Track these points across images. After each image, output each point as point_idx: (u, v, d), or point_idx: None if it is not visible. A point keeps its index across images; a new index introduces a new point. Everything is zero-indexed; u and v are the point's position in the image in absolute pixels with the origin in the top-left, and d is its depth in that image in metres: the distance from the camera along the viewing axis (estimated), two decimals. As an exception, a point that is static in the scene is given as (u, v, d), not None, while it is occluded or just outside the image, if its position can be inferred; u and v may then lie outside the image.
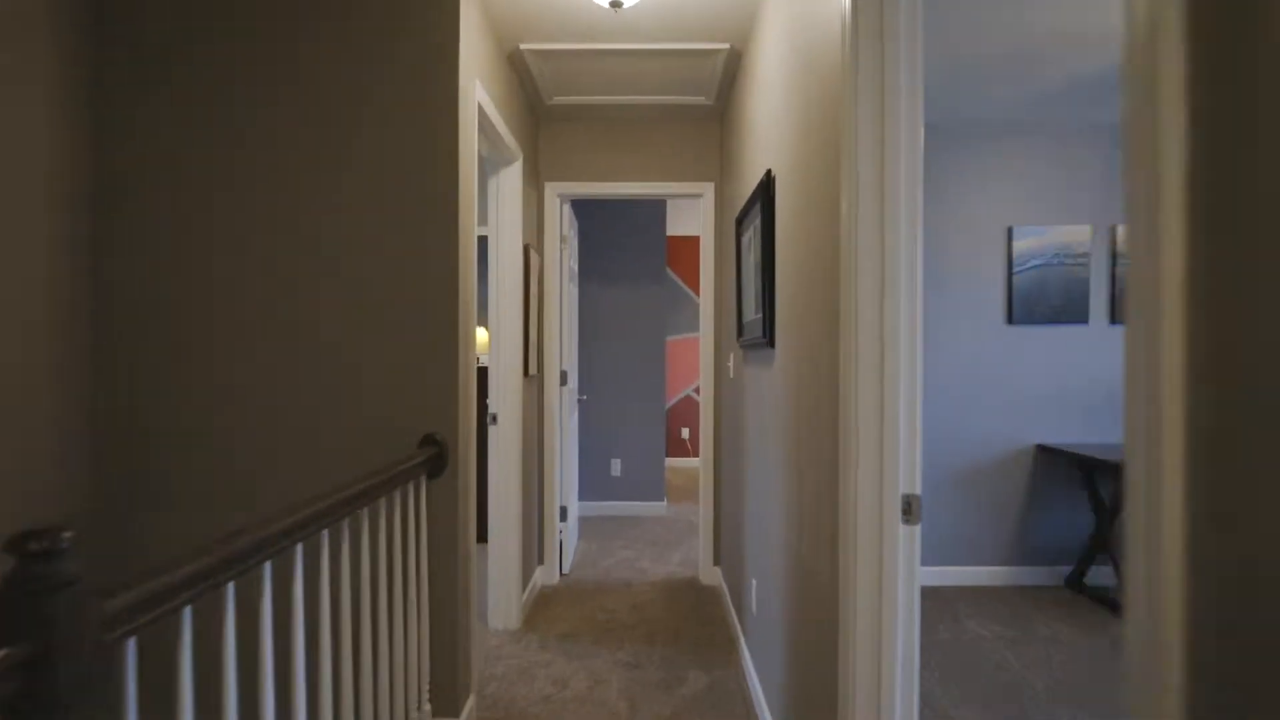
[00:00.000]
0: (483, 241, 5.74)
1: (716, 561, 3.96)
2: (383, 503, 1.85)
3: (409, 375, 2.25)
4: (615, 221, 5.57)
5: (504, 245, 3.27)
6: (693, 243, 7.75)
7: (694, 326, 7.72)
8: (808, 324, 1.83)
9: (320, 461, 2.25)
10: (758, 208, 2.44)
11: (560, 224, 4.02)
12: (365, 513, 1.76)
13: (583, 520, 5.40)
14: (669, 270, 7.75)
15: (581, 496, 5.59)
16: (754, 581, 2.67)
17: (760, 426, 2.55)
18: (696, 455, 7.74)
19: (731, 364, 3.41)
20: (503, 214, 3.27)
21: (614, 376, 5.57)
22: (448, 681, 2.28)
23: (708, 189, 3.95)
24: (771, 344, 2.28)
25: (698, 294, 7.71)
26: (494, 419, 3.25)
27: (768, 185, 2.30)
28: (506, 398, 3.26)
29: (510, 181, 3.28)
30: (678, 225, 7.45)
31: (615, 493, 5.58)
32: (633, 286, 5.58)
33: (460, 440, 2.28)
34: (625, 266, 5.58)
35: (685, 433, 7.75)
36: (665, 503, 5.61)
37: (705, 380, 3.97)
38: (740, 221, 2.90)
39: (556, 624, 3.38)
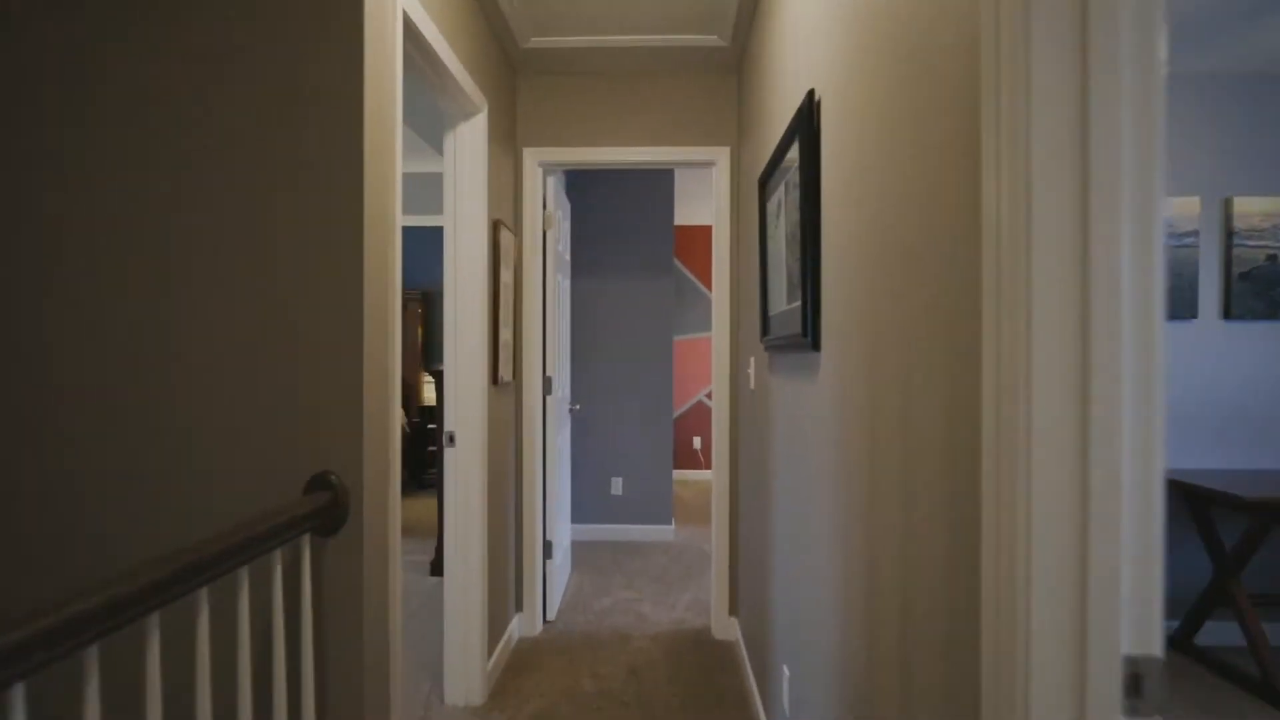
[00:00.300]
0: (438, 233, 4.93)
1: (733, 610, 3.25)
2: (203, 594, 1.16)
3: (294, 396, 1.56)
4: (614, 204, 4.87)
5: (464, 219, 2.58)
6: (705, 233, 7.03)
7: (707, 325, 7.01)
8: (890, 317, 1.12)
9: (155, 516, 1.56)
10: (794, 149, 1.73)
11: (543, 199, 3.33)
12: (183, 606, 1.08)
13: (577, 546, 4.70)
14: (677, 262, 7.04)
15: (577, 519, 4.89)
16: (785, 670, 1.95)
17: (793, 457, 1.85)
18: (710, 468, 7.02)
19: (752, 370, 2.70)
20: (462, 180, 2.57)
21: (613, 383, 4.87)
22: (347, 830, 1.59)
23: (721, 155, 3.24)
24: (815, 345, 1.57)
25: (711, 289, 7.00)
26: (450, 439, 2.57)
27: (809, 114, 1.59)
28: (467, 412, 2.57)
29: (472, 139, 2.59)
30: (688, 214, 6.74)
31: (615, 515, 4.88)
32: (636, 279, 4.88)
33: (368, 479, 1.59)
34: (627, 256, 4.87)
35: (697, 443, 7.04)
36: (673, 526, 4.91)
37: (719, 387, 3.25)
38: (765, 181, 2.19)
39: (532, 698, 2.68)
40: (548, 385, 3.39)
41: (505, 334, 2.96)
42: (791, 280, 1.81)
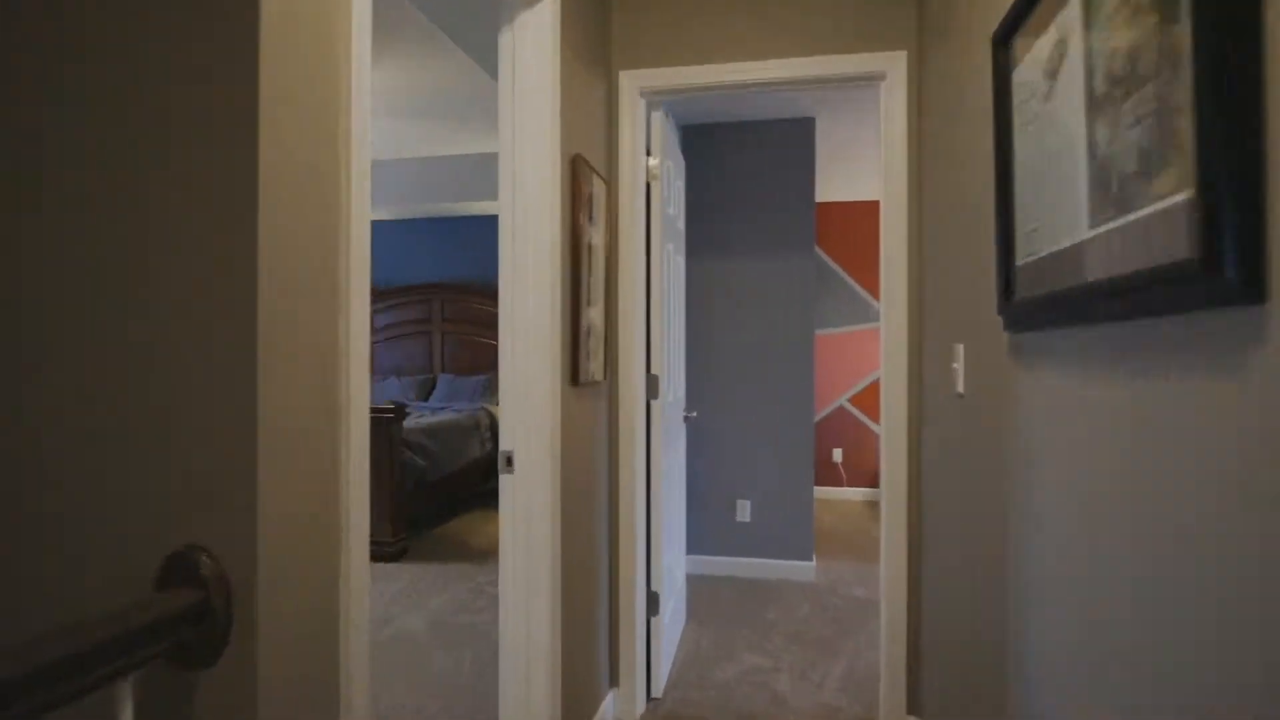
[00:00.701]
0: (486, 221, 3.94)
1: (916, 707, 2.28)
2: None
3: (143, 425, 0.84)
4: (739, 167, 3.99)
5: (524, 152, 1.81)
6: (848, 210, 5.97)
7: (849, 318, 5.94)
8: None
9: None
10: None
11: (644, 141, 2.52)
12: None
13: (694, 583, 3.86)
14: (817, 248, 6.02)
15: (694, 549, 4.05)
16: None
17: (1125, 527, 0.91)
18: (862, 486, 5.95)
19: (961, 364, 1.74)
20: (523, 90, 1.81)
21: (739, 384, 3.98)
22: None
23: (894, 64, 2.29)
24: (1251, 289, 0.64)
25: (856, 278, 5.94)
26: (508, 461, 1.81)
27: None
28: (530, 423, 1.80)
29: (536, 35, 1.82)
30: (824, 190, 5.70)
31: (742, 546, 3.99)
32: (767, 258, 3.97)
33: (274, 561, 0.84)
34: (755, 230, 3.97)
35: (838, 455, 5.99)
36: (814, 563, 3.95)
37: (891, 390, 2.31)
38: (1013, 29, 1.25)
39: (623, 834, 1.87)
40: (653, 386, 2.57)
41: (593, 316, 2.18)
42: (1111, 172, 0.88)
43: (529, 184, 1.79)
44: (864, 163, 4.87)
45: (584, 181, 2.03)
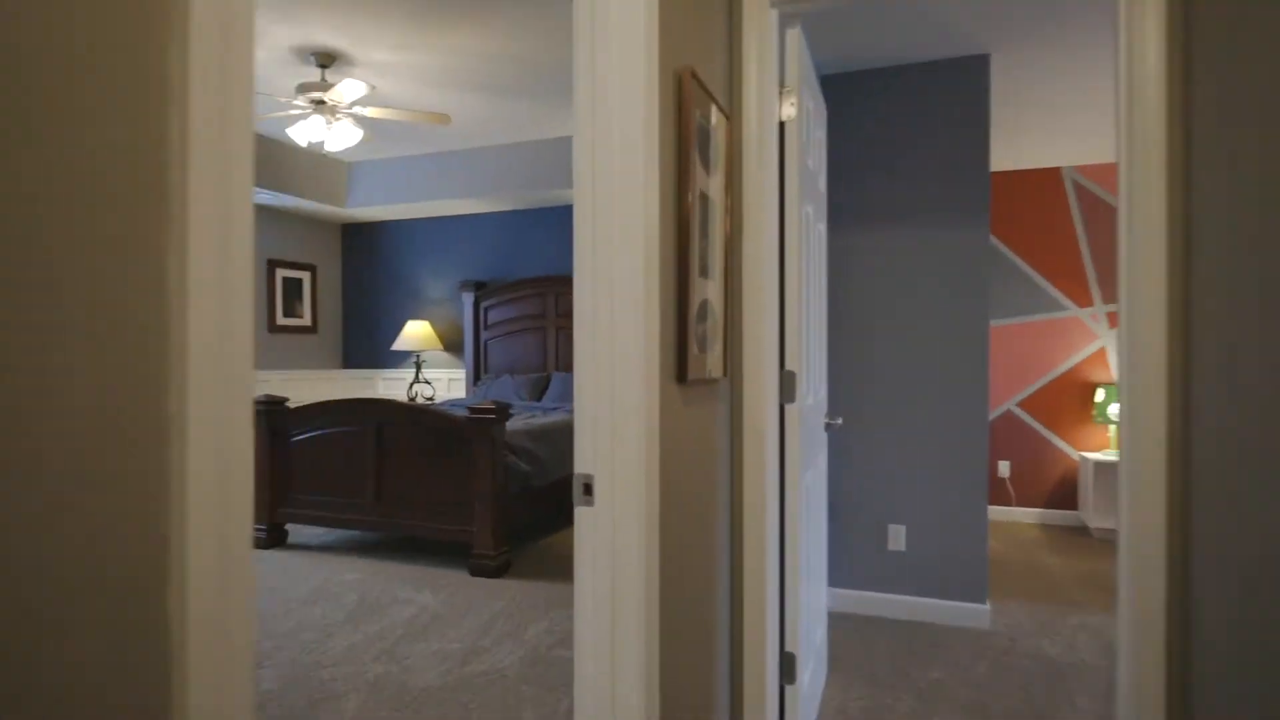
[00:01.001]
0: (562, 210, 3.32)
1: None
2: None
3: None
4: (890, 119, 3.29)
5: (606, 60, 1.30)
6: (1019, 181, 5.03)
7: (1019, 308, 5.02)
8: None
9: None
10: None
11: (776, 67, 1.94)
12: None
13: (834, 621, 3.21)
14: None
15: (833, 581, 3.40)
16: None
17: None
18: (1035, 506, 5.01)
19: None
20: (603, -25, 1.30)
21: (892, 385, 3.28)
22: None
23: (1145, -80, 1.57)
24: None
25: (1027, 261, 5.00)
26: (586, 490, 1.31)
27: None
28: (615, 438, 1.29)
29: (625, -104, 1.30)
30: (1002, 157, 4.79)
31: (894, 580, 3.30)
32: (928, 235, 3.24)
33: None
34: (910, 197, 3.26)
35: (1005, 469, 5.07)
36: (988, 606, 3.18)
37: (1138, 403, 1.59)
38: None
39: None
40: (788, 386, 2.00)
41: (709, 292, 1.64)
42: None
43: (612, 102, 1.28)
44: (1041, 118, 3.98)
45: (694, 105, 1.49)
